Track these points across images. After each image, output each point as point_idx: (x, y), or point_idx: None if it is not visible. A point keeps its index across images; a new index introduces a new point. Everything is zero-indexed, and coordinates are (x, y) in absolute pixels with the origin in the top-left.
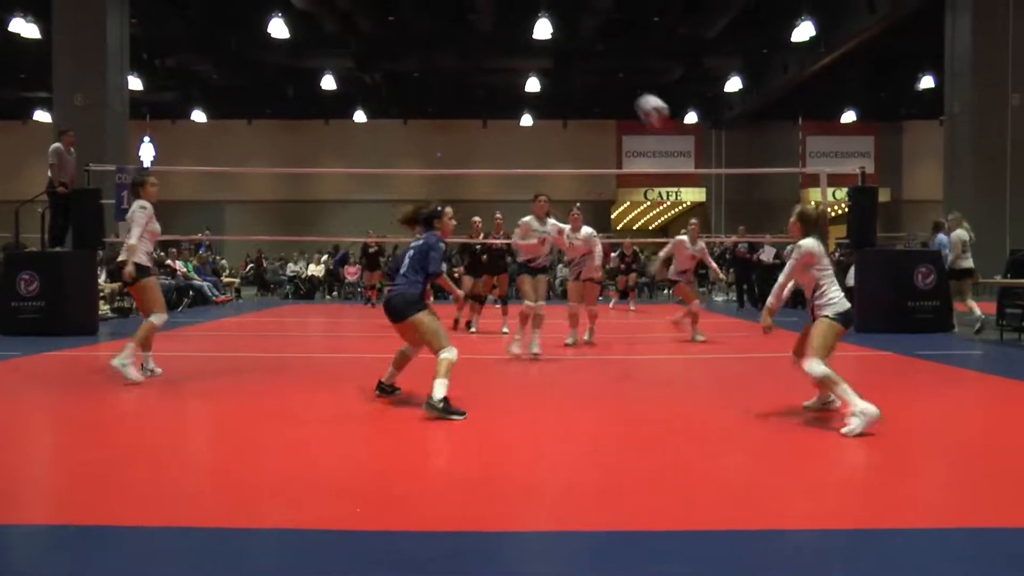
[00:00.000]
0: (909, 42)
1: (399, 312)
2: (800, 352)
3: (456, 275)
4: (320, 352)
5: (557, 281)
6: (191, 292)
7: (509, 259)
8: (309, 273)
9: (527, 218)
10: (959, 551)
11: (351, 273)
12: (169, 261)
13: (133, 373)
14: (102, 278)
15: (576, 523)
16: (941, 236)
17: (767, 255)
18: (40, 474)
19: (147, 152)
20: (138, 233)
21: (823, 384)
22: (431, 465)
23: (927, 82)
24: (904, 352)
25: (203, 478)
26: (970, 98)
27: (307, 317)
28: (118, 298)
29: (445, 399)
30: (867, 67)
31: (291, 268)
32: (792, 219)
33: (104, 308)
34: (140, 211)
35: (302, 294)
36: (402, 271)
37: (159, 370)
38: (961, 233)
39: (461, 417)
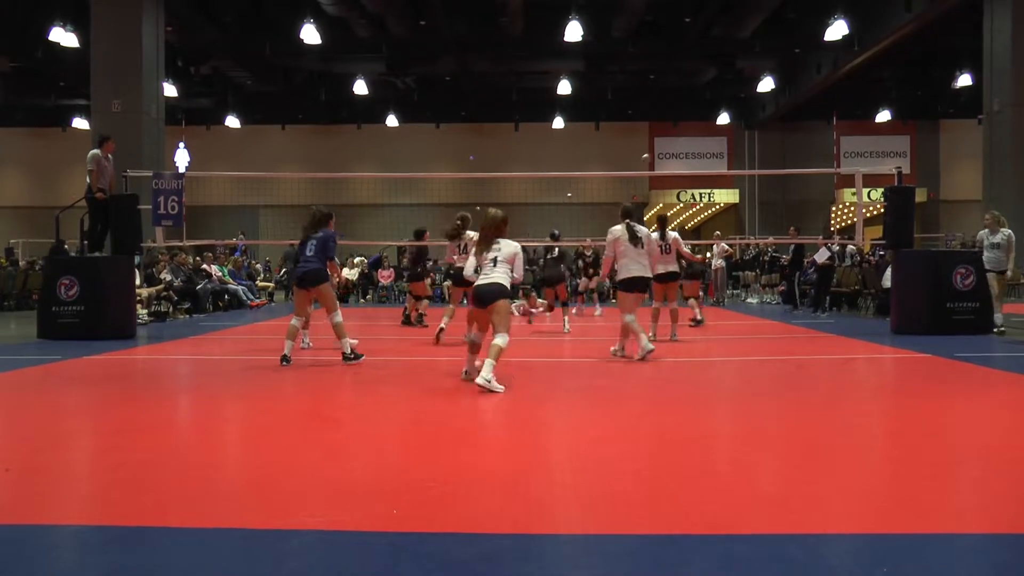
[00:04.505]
0: (946, 39)
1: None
2: None
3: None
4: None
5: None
6: (226, 296)
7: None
8: (344, 277)
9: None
10: (995, 557)
11: (385, 277)
12: (205, 265)
13: None
14: (139, 282)
15: (613, 526)
16: None
17: (820, 256)
18: (77, 475)
19: (182, 158)
20: None
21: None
22: (467, 466)
23: (965, 80)
24: (943, 354)
25: (239, 479)
26: (1010, 96)
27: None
28: (155, 302)
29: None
30: (903, 65)
31: None
32: None
33: (141, 312)
34: None
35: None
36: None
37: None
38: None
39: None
